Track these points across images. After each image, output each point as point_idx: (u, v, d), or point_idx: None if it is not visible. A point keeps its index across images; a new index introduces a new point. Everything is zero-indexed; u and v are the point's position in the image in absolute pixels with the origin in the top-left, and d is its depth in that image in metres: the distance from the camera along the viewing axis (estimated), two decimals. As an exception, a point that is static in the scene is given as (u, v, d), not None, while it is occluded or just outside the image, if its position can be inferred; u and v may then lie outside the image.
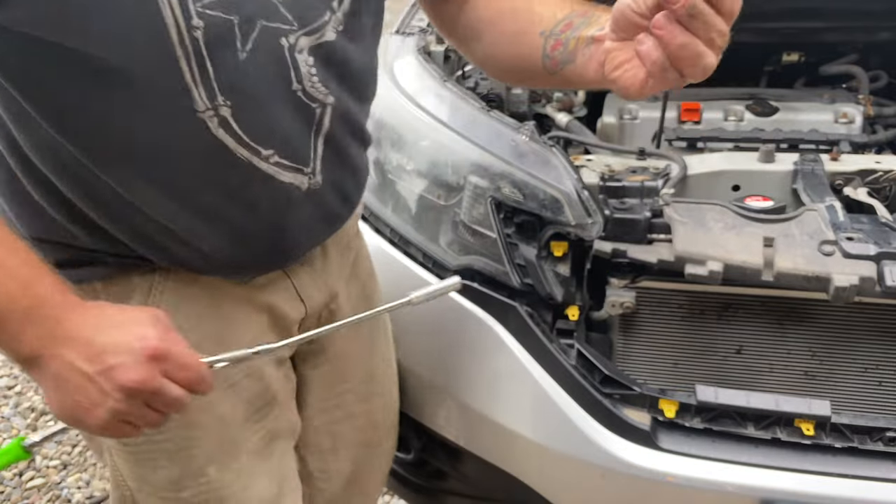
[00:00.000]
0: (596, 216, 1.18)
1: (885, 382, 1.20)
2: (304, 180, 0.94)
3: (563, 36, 0.95)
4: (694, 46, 0.76)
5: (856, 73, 1.67)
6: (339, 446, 1.26)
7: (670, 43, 0.76)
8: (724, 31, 0.77)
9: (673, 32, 0.75)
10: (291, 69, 0.87)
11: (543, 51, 0.97)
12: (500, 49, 1.07)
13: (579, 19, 0.95)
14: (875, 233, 1.13)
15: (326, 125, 0.94)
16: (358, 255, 1.23)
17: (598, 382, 1.19)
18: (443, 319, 1.30)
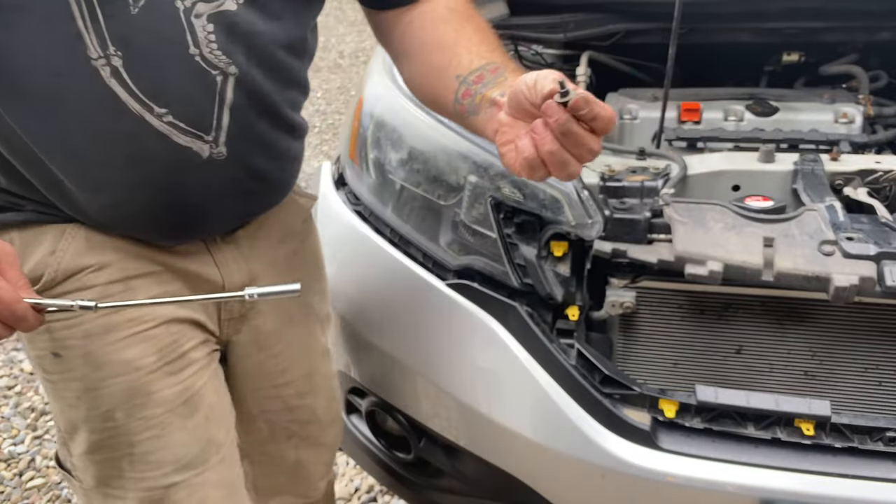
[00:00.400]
0: (596, 216, 1.18)
1: (885, 382, 1.20)
2: (205, 147, 0.96)
3: (473, 87, 0.98)
4: (561, 155, 0.82)
5: (856, 73, 1.67)
6: (277, 435, 1.29)
7: (541, 147, 0.82)
8: (594, 149, 0.82)
9: (545, 139, 0.82)
10: (188, 32, 0.90)
11: (456, 95, 1.00)
12: (421, 77, 1.09)
13: (490, 75, 0.97)
14: (875, 233, 1.13)
15: (230, 96, 0.95)
16: (301, 249, 1.25)
17: (598, 382, 1.19)
18: (443, 319, 1.30)
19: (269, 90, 1.00)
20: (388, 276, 1.39)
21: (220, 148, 0.97)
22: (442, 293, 1.28)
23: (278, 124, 1.05)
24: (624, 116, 1.58)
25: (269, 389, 1.25)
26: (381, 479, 1.62)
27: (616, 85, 1.72)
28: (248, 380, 1.24)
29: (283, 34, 1.00)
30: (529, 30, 1.76)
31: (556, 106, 0.79)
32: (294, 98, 1.08)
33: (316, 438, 1.34)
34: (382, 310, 1.41)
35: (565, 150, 0.82)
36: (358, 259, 1.46)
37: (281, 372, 1.25)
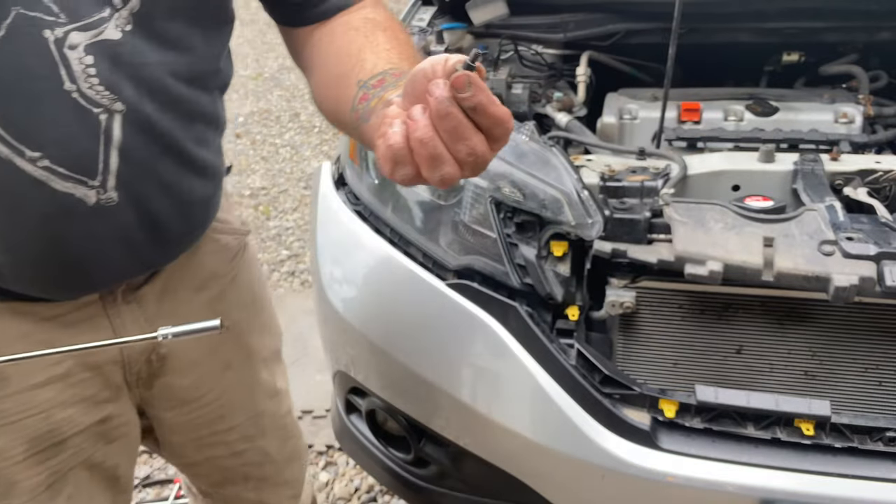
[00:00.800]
0: (596, 216, 1.18)
1: (885, 382, 1.20)
2: (91, 193, 0.86)
3: (371, 91, 0.85)
4: (433, 147, 0.65)
5: (856, 73, 1.67)
6: (232, 479, 1.26)
7: (412, 133, 0.65)
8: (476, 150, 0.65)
9: (418, 124, 0.65)
10: (61, 66, 0.79)
11: (353, 101, 0.86)
12: (324, 88, 0.97)
13: (393, 79, 0.84)
14: (875, 233, 1.13)
15: (118, 135, 0.85)
16: (228, 291, 1.15)
17: (598, 382, 1.19)
18: (442, 319, 1.30)
19: (167, 127, 0.90)
20: (388, 276, 1.38)
21: (109, 193, 0.87)
22: (442, 293, 1.28)
23: (182, 164, 0.94)
24: (624, 116, 1.58)
25: (208, 437, 1.20)
26: (381, 479, 1.62)
27: (616, 85, 1.72)
28: (181, 431, 1.18)
29: (183, 64, 0.89)
30: (529, 30, 1.76)
31: (444, 82, 0.64)
32: (201, 134, 0.97)
33: (274, 478, 1.31)
34: (382, 310, 1.41)
35: (441, 140, 0.65)
36: (357, 259, 1.45)
37: (218, 419, 1.19)
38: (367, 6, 1.01)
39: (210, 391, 1.16)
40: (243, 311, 1.19)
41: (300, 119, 4.89)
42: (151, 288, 1.04)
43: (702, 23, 1.68)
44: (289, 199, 3.82)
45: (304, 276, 3.14)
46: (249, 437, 1.24)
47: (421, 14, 1.74)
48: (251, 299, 1.21)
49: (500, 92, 1.61)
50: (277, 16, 1.03)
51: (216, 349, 1.14)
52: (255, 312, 1.22)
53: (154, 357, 1.08)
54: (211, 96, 0.98)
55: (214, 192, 1.05)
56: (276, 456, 1.29)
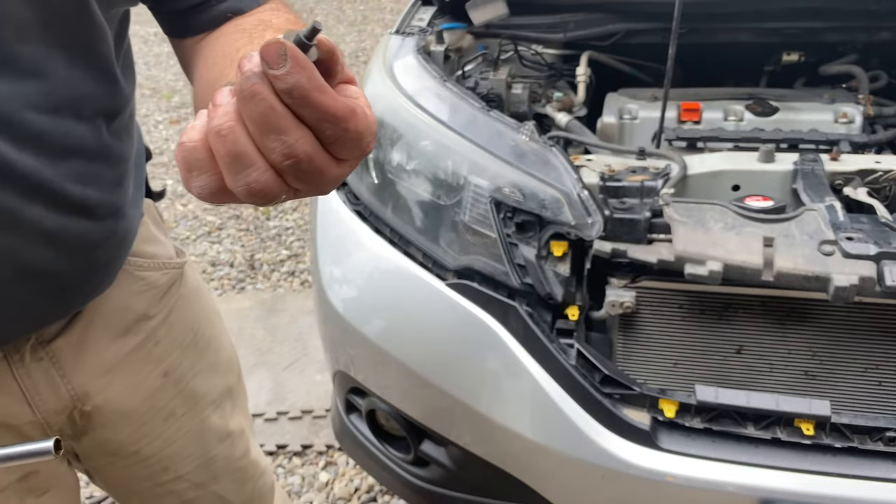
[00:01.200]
0: (596, 216, 1.18)
1: (885, 382, 1.20)
2: None
3: None
4: (233, 144, 0.49)
5: (856, 73, 1.67)
6: None
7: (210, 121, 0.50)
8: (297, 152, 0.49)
9: (217, 111, 0.50)
10: None
11: None
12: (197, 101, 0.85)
13: None
14: (875, 233, 1.13)
15: None
16: (161, 331, 1.04)
17: (598, 382, 1.19)
18: (442, 319, 1.30)
19: (31, 167, 0.75)
20: (388, 276, 1.38)
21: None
22: (442, 293, 1.28)
23: (60, 207, 0.80)
24: (624, 116, 1.58)
25: (154, 489, 1.11)
26: (381, 479, 1.62)
27: (616, 85, 1.72)
28: (121, 485, 1.10)
29: (42, 93, 0.75)
30: (529, 30, 1.76)
31: (254, 56, 0.48)
32: (82, 170, 0.82)
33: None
34: (382, 310, 1.41)
35: (247, 133, 0.49)
36: (357, 259, 1.45)
37: (162, 471, 1.09)
38: (265, 10, 0.87)
39: (150, 444, 1.06)
40: (183, 354, 1.07)
41: (300, 119, 4.89)
42: (66, 340, 0.92)
43: (702, 23, 1.68)
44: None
45: (304, 276, 3.15)
46: (200, 483, 1.14)
47: (421, 14, 1.74)
48: (192, 338, 1.08)
49: (500, 92, 1.62)
50: (167, 26, 0.91)
51: (154, 399, 1.04)
52: (199, 352, 1.10)
53: (77, 414, 0.97)
54: (91, 125, 0.82)
55: (118, 229, 0.91)
56: (235, 500, 1.20)
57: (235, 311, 2.89)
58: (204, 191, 0.52)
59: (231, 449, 1.17)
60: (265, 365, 2.59)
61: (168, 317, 1.04)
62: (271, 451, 2.26)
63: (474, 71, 1.68)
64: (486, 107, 1.35)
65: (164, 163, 4.20)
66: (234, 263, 3.25)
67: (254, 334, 2.75)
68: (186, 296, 1.08)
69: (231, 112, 0.49)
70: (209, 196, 0.52)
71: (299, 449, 2.27)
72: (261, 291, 3.06)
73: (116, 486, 1.12)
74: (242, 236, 3.46)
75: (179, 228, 3.54)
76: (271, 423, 2.35)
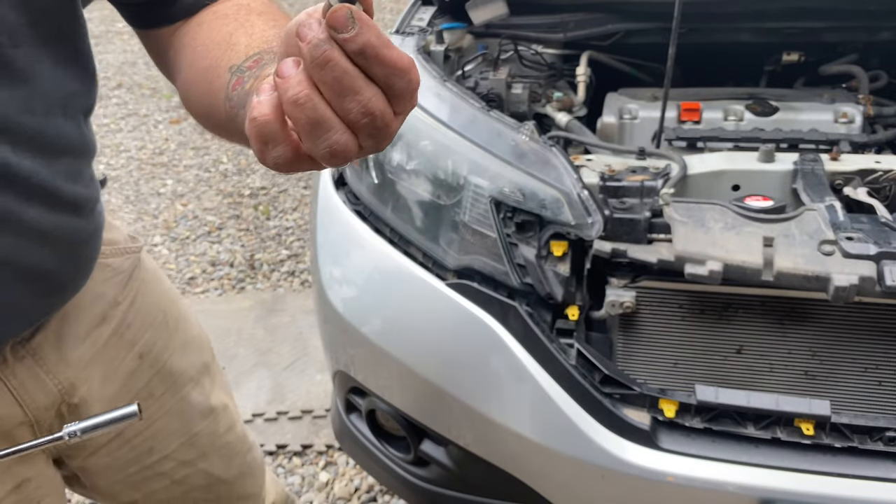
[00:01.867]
0: (596, 216, 1.18)
1: (885, 382, 1.20)
2: None
3: (246, 73, 0.71)
4: (312, 109, 0.50)
5: (856, 72, 1.67)
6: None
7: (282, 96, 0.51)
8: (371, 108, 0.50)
9: (289, 81, 0.50)
10: None
11: (226, 91, 0.72)
12: (192, 86, 0.83)
13: (270, 55, 0.71)
14: (875, 232, 1.13)
15: None
16: (131, 314, 1.04)
17: (598, 382, 1.19)
18: (442, 319, 1.30)
19: (28, 169, 0.76)
20: (388, 276, 1.38)
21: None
22: (442, 293, 1.28)
23: (55, 206, 0.82)
24: (624, 116, 1.58)
25: (141, 472, 1.10)
26: (381, 479, 1.62)
27: (616, 85, 1.72)
28: (108, 474, 1.08)
29: (37, 94, 0.76)
30: (529, 30, 1.76)
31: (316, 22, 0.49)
32: (71, 167, 0.84)
33: (228, 497, 1.22)
34: (382, 310, 1.41)
35: (323, 99, 0.50)
36: (357, 259, 1.45)
37: (148, 451, 1.09)
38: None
39: (131, 426, 1.05)
40: (156, 334, 1.07)
41: (300, 119, 4.89)
42: (45, 335, 0.93)
43: (702, 23, 1.68)
44: (289, 198, 3.82)
45: (304, 276, 3.15)
46: (188, 461, 1.14)
47: (421, 14, 1.74)
48: (162, 317, 1.09)
49: (500, 92, 1.61)
50: (138, 18, 0.88)
51: (132, 381, 1.04)
52: (170, 332, 1.10)
53: (65, 408, 0.97)
54: (75, 122, 0.84)
55: (98, 222, 0.94)
56: (224, 475, 1.20)
57: (235, 311, 2.89)
58: (280, 160, 0.54)
59: (215, 425, 1.17)
60: (265, 365, 2.59)
61: (135, 300, 1.05)
62: (271, 450, 2.26)
63: (474, 71, 1.68)
64: (486, 107, 1.35)
65: (164, 163, 4.20)
66: (234, 263, 3.25)
67: (254, 334, 2.75)
68: (148, 279, 1.08)
69: (304, 80, 0.50)
70: (285, 165, 0.54)
71: (299, 449, 2.27)
72: (261, 291, 3.06)
73: (102, 477, 1.09)
74: (242, 236, 3.46)
75: (179, 228, 3.54)
76: (271, 423, 2.35)
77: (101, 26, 6.84)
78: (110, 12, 6.03)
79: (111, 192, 3.88)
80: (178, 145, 4.48)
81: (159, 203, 3.78)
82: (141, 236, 3.44)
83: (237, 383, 2.51)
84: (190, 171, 4.10)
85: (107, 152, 4.35)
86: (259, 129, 0.52)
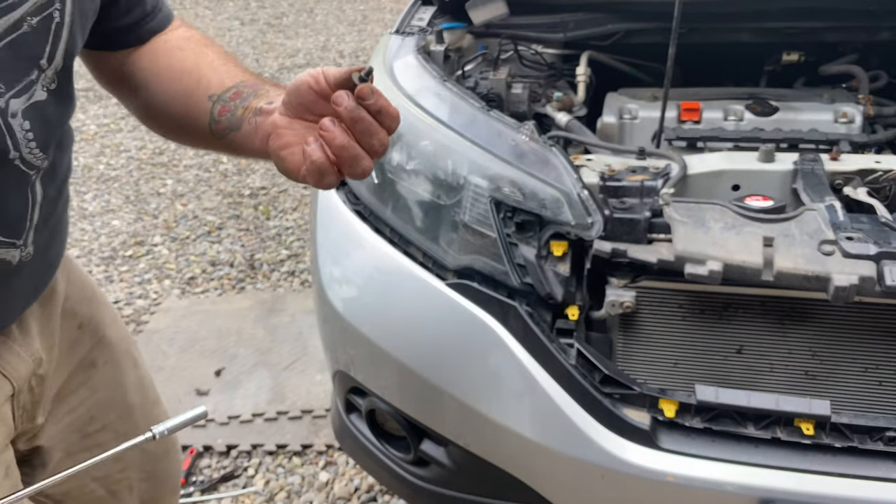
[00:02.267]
0: (596, 216, 1.18)
1: (886, 382, 1.20)
2: (16, 254, 0.87)
3: (231, 103, 0.93)
4: (353, 150, 0.79)
5: (856, 72, 1.67)
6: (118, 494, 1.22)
7: (331, 143, 0.79)
8: (385, 142, 0.81)
9: (334, 134, 0.78)
10: (7, 136, 0.80)
11: (211, 115, 0.94)
12: (165, 105, 1.00)
13: (248, 90, 0.94)
14: (875, 232, 1.13)
15: (39, 193, 0.88)
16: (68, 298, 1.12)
17: (598, 382, 1.19)
18: (442, 319, 1.30)
19: (64, 173, 0.95)
20: (388, 276, 1.38)
21: (28, 248, 0.88)
22: (442, 293, 1.28)
23: (66, 204, 1.00)
24: (624, 116, 1.58)
25: (81, 441, 1.15)
26: (381, 479, 1.62)
27: (616, 85, 1.72)
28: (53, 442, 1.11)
29: (70, 112, 0.93)
30: (529, 30, 1.76)
31: (346, 93, 0.78)
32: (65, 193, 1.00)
33: (154, 473, 1.26)
34: (382, 310, 1.41)
35: (356, 141, 0.79)
36: (357, 259, 1.46)
37: (90, 420, 1.15)
38: (180, 26, 1.06)
39: (76, 392, 1.12)
40: (90, 307, 1.16)
41: (300, 119, 4.89)
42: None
43: (702, 23, 1.68)
44: (288, 198, 3.82)
45: (304, 276, 3.15)
46: (123, 434, 1.17)
47: (421, 14, 1.74)
48: (91, 293, 1.17)
49: (500, 92, 1.61)
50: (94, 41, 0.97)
51: (76, 350, 1.12)
52: (99, 304, 1.19)
53: (35, 381, 1.03)
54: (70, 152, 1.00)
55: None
56: (155, 449, 1.25)
57: (235, 311, 2.89)
58: (332, 184, 0.81)
59: (145, 398, 1.25)
60: (265, 365, 2.59)
61: (69, 275, 1.13)
62: (271, 450, 2.26)
63: (474, 71, 1.68)
64: (485, 106, 1.35)
65: (164, 163, 4.20)
66: (234, 263, 3.25)
67: (254, 334, 2.75)
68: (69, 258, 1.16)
69: (345, 132, 0.78)
70: (329, 186, 0.82)
71: (299, 449, 2.27)
72: (261, 291, 3.06)
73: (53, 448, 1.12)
74: (242, 236, 3.46)
75: (179, 228, 3.54)
76: (271, 423, 2.35)
77: (101, 26, 6.84)
78: (110, 12, 5.94)
79: (111, 192, 3.88)
80: (178, 145, 4.48)
81: (159, 203, 3.78)
82: (141, 236, 3.45)
83: (237, 383, 2.51)
84: (190, 171, 4.10)
85: (107, 152, 4.35)
86: (318, 167, 0.79)
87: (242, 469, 2.22)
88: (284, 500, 2.12)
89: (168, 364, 2.60)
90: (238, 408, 2.40)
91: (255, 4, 7.98)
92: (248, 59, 5.88)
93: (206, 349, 2.68)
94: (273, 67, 5.79)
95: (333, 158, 0.79)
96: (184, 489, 2.14)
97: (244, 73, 0.99)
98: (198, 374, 2.55)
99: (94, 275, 3.18)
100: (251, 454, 2.27)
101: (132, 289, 3.09)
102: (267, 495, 2.13)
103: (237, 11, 7.67)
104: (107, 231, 3.51)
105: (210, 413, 2.39)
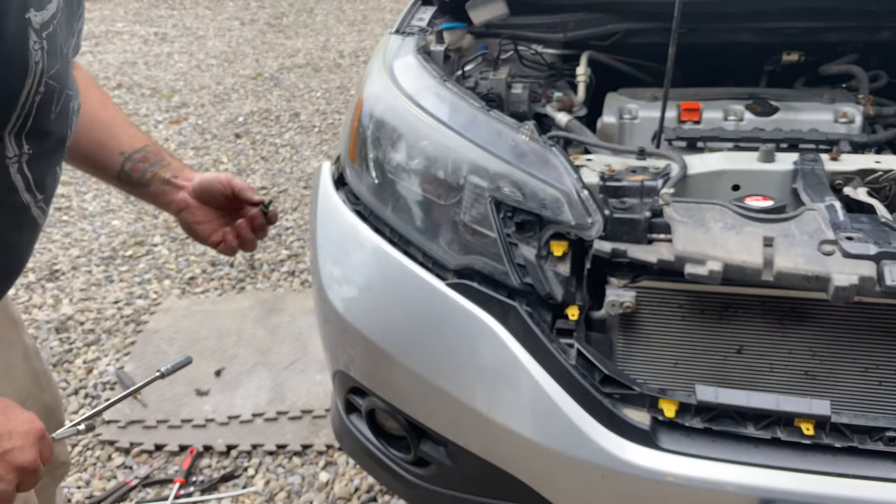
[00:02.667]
0: (596, 216, 1.18)
1: (886, 382, 1.20)
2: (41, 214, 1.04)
3: (141, 165, 1.20)
4: (252, 241, 1.27)
5: (856, 72, 1.67)
6: None
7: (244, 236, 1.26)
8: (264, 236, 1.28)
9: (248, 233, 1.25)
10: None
11: (121, 168, 1.20)
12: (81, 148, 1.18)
13: (154, 157, 1.21)
14: (875, 232, 1.13)
15: None
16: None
17: (598, 382, 1.19)
18: (442, 319, 1.30)
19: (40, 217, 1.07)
20: (388, 275, 1.38)
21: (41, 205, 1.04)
22: (442, 293, 1.28)
23: None
24: (624, 116, 1.58)
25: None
26: (381, 479, 1.62)
27: (616, 85, 1.72)
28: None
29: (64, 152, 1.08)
30: (529, 30, 1.76)
31: (260, 213, 1.25)
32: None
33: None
34: (382, 310, 1.41)
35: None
36: (357, 259, 1.45)
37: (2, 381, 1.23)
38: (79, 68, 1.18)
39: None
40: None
41: (300, 119, 4.89)
42: None
43: (702, 23, 1.68)
44: (289, 198, 3.82)
45: (304, 276, 3.15)
46: (34, 395, 1.32)
47: (421, 14, 1.74)
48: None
49: (500, 92, 1.61)
50: None
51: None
52: None
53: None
54: None
55: None
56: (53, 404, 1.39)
57: (235, 311, 2.89)
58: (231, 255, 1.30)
59: (42, 363, 1.41)
60: (265, 365, 2.59)
61: None
62: (271, 450, 2.26)
63: (474, 71, 1.68)
64: (485, 106, 1.35)
65: (164, 163, 4.19)
66: (234, 263, 3.25)
67: (254, 334, 2.75)
68: None
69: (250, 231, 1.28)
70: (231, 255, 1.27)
71: (299, 449, 2.27)
72: (261, 291, 3.06)
73: None
74: (242, 236, 3.46)
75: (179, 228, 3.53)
76: (271, 423, 2.35)
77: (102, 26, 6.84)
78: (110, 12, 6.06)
79: (111, 192, 3.88)
80: (179, 145, 4.48)
81: (159, 203, 3.78)
82: (141, 236, 3.45)
83: (237, 383, 2.51)
84: (190, 171, 4.09)
85: (107, 152, 4.35)
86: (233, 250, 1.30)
87: (242, 469, 2.22)
88: (284, 500, 2.12)
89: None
90: (238, 408, 2.40)
91: (255, 4, 7.99)
92: (248, 59, 5.88)
93: (206, 349, 2.68)
94: (273, 67, 5.79)
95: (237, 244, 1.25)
96: (184, 489, 2.15)
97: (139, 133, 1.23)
98: (198, 374, 2.55)
99: (94, 275, 3.19)
100: (251, 454, 2.27)
101: (132, 289, 3.09)
102: (267, 495, 2.13)
103: (237, 11, 7.67)
104: (107, 231, 3.51)
105: (210, 413, 2.39)
